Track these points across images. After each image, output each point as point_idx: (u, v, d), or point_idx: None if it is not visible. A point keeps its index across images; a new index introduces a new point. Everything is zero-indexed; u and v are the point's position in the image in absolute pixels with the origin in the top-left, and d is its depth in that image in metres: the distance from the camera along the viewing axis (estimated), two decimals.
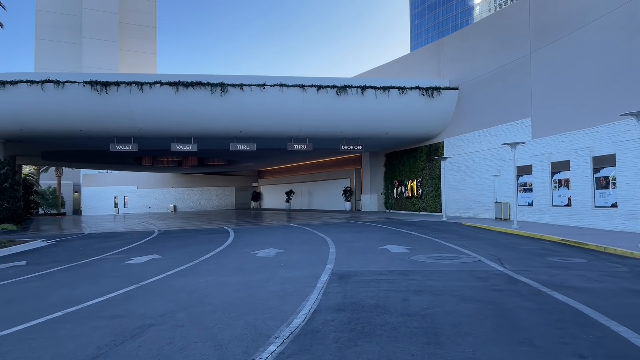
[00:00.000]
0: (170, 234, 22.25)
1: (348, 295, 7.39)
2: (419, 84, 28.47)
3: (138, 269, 11.20)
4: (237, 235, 19.51)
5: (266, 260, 11.96)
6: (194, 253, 14.02)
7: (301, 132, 28.54)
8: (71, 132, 27.02)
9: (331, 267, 10.40)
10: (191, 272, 10.47)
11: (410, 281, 8.46)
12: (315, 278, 9.06)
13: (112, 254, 14.56)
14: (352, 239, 16.40)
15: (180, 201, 64.21)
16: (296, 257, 12.22)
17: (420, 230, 19.23)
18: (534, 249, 13.10)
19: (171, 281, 9.31)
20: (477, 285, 8.01)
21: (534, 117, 22.32)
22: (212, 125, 27.36)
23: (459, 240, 15.52)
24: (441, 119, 29.48)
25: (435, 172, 31.02)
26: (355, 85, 27.53)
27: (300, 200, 53.81)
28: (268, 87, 26.63)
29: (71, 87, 25.26)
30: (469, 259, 11.16)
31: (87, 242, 19.35)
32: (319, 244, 15.18)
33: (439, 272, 9.35)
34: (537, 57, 22.21)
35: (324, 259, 11.80)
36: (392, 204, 37.13)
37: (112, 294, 8.22)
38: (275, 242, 16.20)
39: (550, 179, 20.92)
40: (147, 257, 13.27)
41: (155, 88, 25.74)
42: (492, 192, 25.49)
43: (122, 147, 28.05)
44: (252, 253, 13.46)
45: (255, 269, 10.57)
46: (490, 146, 25.64)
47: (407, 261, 10.99)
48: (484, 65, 26.34)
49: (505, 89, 24.49)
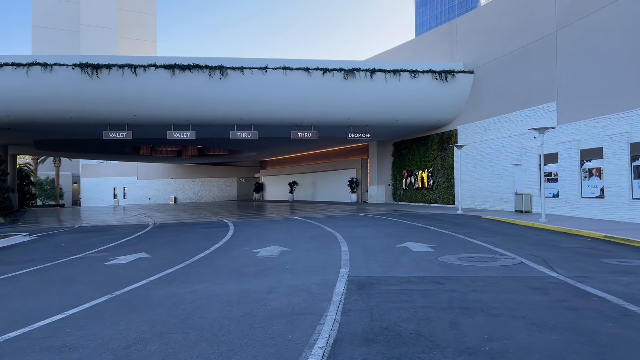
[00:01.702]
0: (165, 227, 20.59)
1: (376, 315, 5.68)
2: (431, 67, 26.61)
3: (118, 273, 9.52)
4: (237, 230, 17.84)
5: (269, 261, 10.27)
6: (187, 251, 12.35)
7: (306, 118, 26.76)
8: (61, 118, 25.32)
9: (347, 271, 8.70)
10: (179, 276, 8.78)
11: (450, 293, 6.75)
12: (330, 287, 7.36)
13: (95, 252, 12.90)
14: (365, 235, 14.70)
15: (180, 192, 62.61)
16: (304, 258, 10.53)
17: (438, 225, 17.52)
18: (577, 247, 11.36)
19: (153, 290, 7.63)
20: (538, 300, 6.27)
21: (560, 100, 20.49)
22: (211, 111, 25.61)
23: (485, 236, 13.81)
24: (455, 104, 27.64)
25: (448, 161, 29.23)
26: (363, 68, 25.68)
27: (303, 192, 52.09)
28: (270, 70, 24.82)
29: (60, 70, 23.52)
30: (508, 261, 9.44)
31: (73, 237, 17.70)
32: (328, 241, 13.48)
33: (481, 280, 7.63)
34: (563, 35, 20.32)
35: (336, 259, 10.10)
36: (400, 195, 35.38)
37: (75, 309, 6.54)
38: (278, 238, 14.51)
39: (579, 168, 19.14)
40: (132, 257, 11.61)
41: (150, 71, 23.98)
42: (511, 182, 23.71)
43: (116, 134, 26.36)
44: (252, 252, 11.77)
45: (256, 273, 8.88)
46: (509, 133, 23.83)
47: (435, 264, 9.27)
48: (502, 46, 24.43)
49: (526, 71, 22.62)
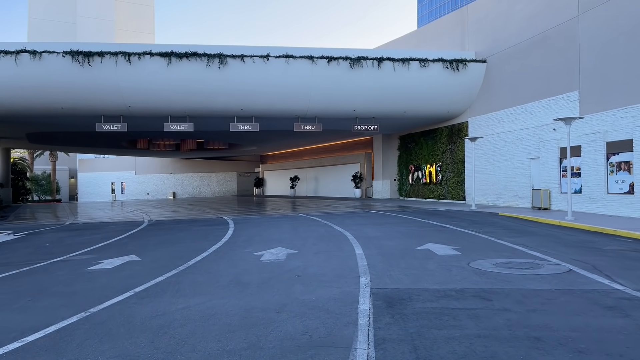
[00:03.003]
0: (161, 225, 19.29)
1: (421, 350, 4.33)
2: (442, 55, 25.22)
3: (100, 281, 8.22)
4: (238, 228, 16.53)
5: (274, 267, 8.96)
6: (181, 254, 11.05)
7: (309, 110, 25.40)
8: (52, 109, 23.96)
9: (368, 281, 7.38)
10: (170, 287, 7.47)
11: (504, 314, 5.43)
12: (352, 303, 6.06)
13: (79, 254, 11.60)
14: (378, 234, 13.39)
15: (179, 187, 61.29)
16: (314, 263, 9.21)
17: (454, 223, 16.21)
18: (623, 250, 10.06)
19: (136, 307, 6.32)
20: (623, 326, 4.95)
21: (583, 89, 19.13)
22: (210, 102, 24.24)
23: (512, 236, 12.51)
24: (466, 95, 26.28)
25: (458, 155, 27.89)
26: (370, 56, 24.29)
27: (305, 187, 50.76)
28: (272, 58, 23.42)
29: (50, 58, 22.15)
30: (553, 268, 8.14)
31: (60, 235, 16.39)
32: (338, 241, 12.17)
33: (534, 294, 6.31)
34: (587, 20, 18.95)
35: (352, 265, 8.80)
36: (406, 190, 34.05)
37: (36, 335, 5.24)
38: (283, 238, 13.21)
39: (605, 162, 17.81)
40: (120, 260, 10.30)
41: (145, 59, 22.60)
42: (527, 177, 22.39)
43: (110, 127, 24.98)
44: (255, 255, 10.46)
45: (261, 283, 7.57)
46: (525, 125, 22.48)
47: (470, 271, 7.96)
48: (518, 32, 23.04)
49: (545, 59, 21.24)
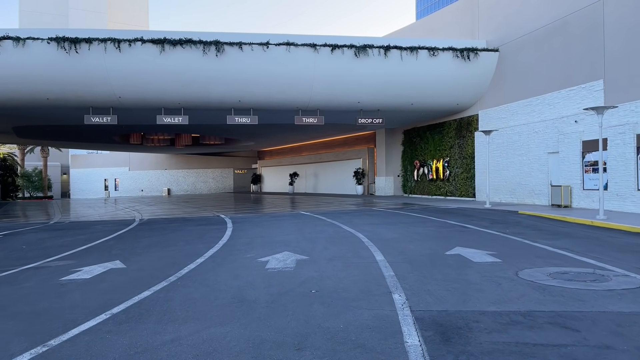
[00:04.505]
0: (153, 224, 17.79)
1: None
2: (452, 44, 23.78)
3: (72, 297, 6.75)
4: (237, 228, 15.07)
5: (284, 277, 7.51)
6: (173, 259, 9.59)
7: (311, 101, 23.92)
8: (37, 101, 22.39)
9: (403, 299, 5.92)
10: (157, 307, 6.00)
11: (607, 354, 4.02)
12: (393, 335, 4.60)
13: (57, 259, 10.12)
14: (394, 236, 11.96)
15: (174, 184, 59.72)
16: (331, 272, 7.76)
17: (473, 222, 14.81)
18: None
19: (110, 339, 4.84)
20: None
21: (608, 78, 17.74)
22: (206, 92, 22.73)
23: (546, 238, 11.11)
24: (477, 86, 24.86)
25: (467, 150, 26.50)
26: (377, 45, 22.81)
27: (304, 183, 49.29)
28: (272, 46, 21.91)
29: (34, 44, 20.58)
30: (624, 281, 6.71)
31: (41, 236, 14.88)
32: (352, 245, 10.72)
33: (629, 322, 4.85)
34: (612, 2, 17.54)
35: (376, 276, 7.35)
36: (411, 187, 32.64)
37: None
38: (289, 240, 11.76)
39: (635, 156, 16.43)
40: (101, 268, 8.83)
41: (136, 47, 21.06)
42: (544, 173, 21.01)
43: (99, 119, 23.40)
44: (259, 261, 9.01)
45: (270, 301, 6.11)
46: (542, 118, 21.09)
47: (523, 284, 6.53)
48: (535, 19, 21.61)
49: (564, 46, 19.84)
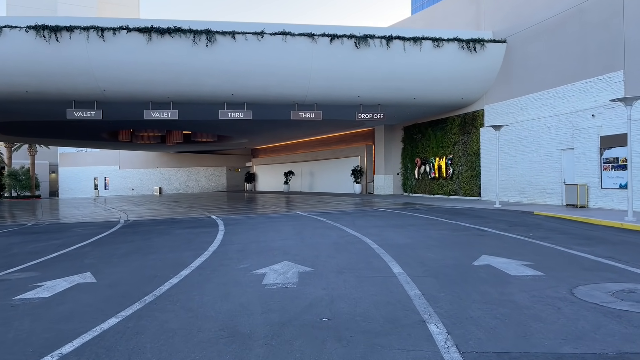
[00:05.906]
0: (138, 227, 16.36)
1: None
2: (457, 35, 22.49)
3: (18, 327, 5.36)
4: (229, 232, 13.68)
5: (285, 298, 6.15)
6: (154, 270, 8.21)
7: (308, 95, 22.58)
8: (15, 94, 20.95)
9: (445, 334, 4.57)
10: (121, 344, 4.61)
11: None
12: None
13: (19, 270, 8.70)
14: (407, 241, 10.64)
15: (166, 182, 58.16)
16: (343, 291, 6.39)
17: (489, 224, 13.53)
18: None
19: None
20: None
21: (629, 69, 16.52)
22: (196, 85, 21.32)
23: (579, 244, 9.83)
24: (483, 80, 23.61)
25: (472, 147, 25.24)
26: (378, 35, 21.49)
27: (300, 182, 47.91)
28: (268, 35, 20.54)
29: (11, 33, 19.12)
30: None
31: (11, 241, 13.42)
32: (362, 253, 9.37)
33: None
34: None
35: (400, 296, 6.00)
36: (412, 186, 31.37)
37: None
38: (288, 246, 10.40)
39: None
40: (67, 282, 7.44)
41: (121, 36, 19.62)
42: (557, 171, 19.78)
43: (82, 114, 21.93)
44: (254, 274, 7.65)
45: (270, 336, 4.74)
46: (554, 112, 19.86)
47: (590, 310, 5.22)
48: (546, 7, 20.38)
49: (579, 36, 18.61)
